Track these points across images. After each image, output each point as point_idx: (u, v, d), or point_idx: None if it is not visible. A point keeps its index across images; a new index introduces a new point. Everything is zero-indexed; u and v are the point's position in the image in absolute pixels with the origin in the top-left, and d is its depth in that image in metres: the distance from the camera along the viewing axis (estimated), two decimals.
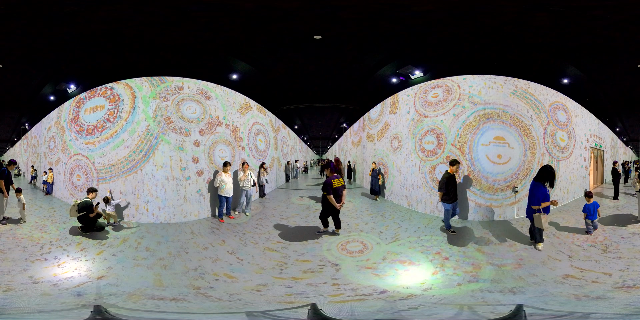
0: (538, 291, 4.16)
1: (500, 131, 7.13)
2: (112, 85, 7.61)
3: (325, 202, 6.24)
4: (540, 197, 5.50)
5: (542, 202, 5.47)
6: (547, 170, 5.64)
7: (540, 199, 5.49)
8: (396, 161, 9.04)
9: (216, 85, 8.45)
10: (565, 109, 8.13)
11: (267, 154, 11.05)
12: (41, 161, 9.93)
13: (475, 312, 3.69)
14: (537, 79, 7.55)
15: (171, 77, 7.60)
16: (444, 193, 6.41)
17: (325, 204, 6.24)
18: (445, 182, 6.38)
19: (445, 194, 6.40)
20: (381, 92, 9.68)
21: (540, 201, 5.48)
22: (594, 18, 6.45)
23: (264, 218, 7.72)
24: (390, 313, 3.72)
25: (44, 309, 3.75)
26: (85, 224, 6.37)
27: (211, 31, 7.62)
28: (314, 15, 6.67)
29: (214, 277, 4.72)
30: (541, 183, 5.58)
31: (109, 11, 6.32)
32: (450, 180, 6.43)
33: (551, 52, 8.35)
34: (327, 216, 6.40)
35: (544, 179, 5.60)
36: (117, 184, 7.36)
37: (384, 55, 9.02)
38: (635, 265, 4.79)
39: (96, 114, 7.70)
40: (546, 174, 5.62)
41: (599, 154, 11.04)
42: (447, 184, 6.37)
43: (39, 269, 4.87)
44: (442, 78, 7.88)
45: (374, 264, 5.15)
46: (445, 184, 6.37)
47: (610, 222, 6.82)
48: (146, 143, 7.19)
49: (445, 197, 6.41)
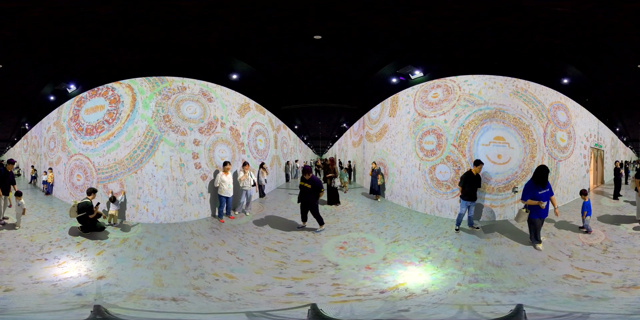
0: (538, 291, 4.15)
1: (500, 131, 7.13)
2: (113, 85, 7.61)
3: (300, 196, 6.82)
4: (527, 195, 5.56)
5: (529, 200, 5.53)
6: (539, 171, 5.63)
7: (527, 197, 5.56)
8: (396, 161, 9.05)
9: (216, 85, 8.46)
10: (565, 109, 8.13)
11: (267, 153, 11.05)
12: (41, 161, 9.93)
13: (475, 312, 3.69)
14: (537, 79, 7.55)
15: (171, 77, 7.61)
16: (462, 189, 6.56)
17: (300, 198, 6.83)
18: (463, 179, 6.53)
19: (462, 191, 6.55)
20: (381, 92, 9.69)
21: (527, 198, 5.55)
22: (594, 18, 6.45)
23: (264, 218, 7.72)
24: (390, 313, 3.72)
25: (44, 309, 3.75)
26: (85, 224, 6.36)
27: (211, 31, 7.62)
28: (314, 15, 6.68)
29: (214, 277, 4.71)
30: (534, 183, 5.59)
31: (109, 11, 6.32)
32: (469, 178, 6.51)
33: (551, 52, 8.34)
34: (304, 211, 6.86)
35: (536, 179, 5.60)
36: (117, 184, 7.36)
37: (383, 55, 9.02)
38: (635, 265, 4.79)
39: (96, 114, 7.70)
40: (538, 175, 5.61)
41: (599, 154, 11.04)
42: (465, 182, 6.50)
43: (39, 269, 4.87)
44: (442, 78, 7.89)
45: (374, 264, 5.15)
46: (464, 180, 6.51)
47: (611, 222, 6.82)
48: (146, 143, 7.19)
49: (462, 194, 6.56)
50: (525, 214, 5.62)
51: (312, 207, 6.74)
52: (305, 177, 6.72)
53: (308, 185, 6.69)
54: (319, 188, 6.68)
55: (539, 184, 5.55)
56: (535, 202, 5.50)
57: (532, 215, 5.58)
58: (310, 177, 6.69)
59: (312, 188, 6.65)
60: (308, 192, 6.67)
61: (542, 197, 5.55)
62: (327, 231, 6.69)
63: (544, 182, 5.59)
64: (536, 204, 5.51)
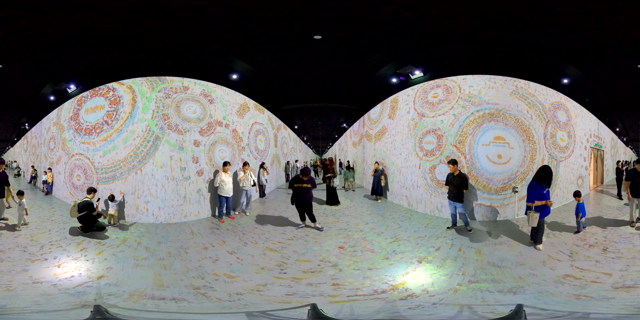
0: (538, 291, 4.15)
1: (500, 131, 7.13)
2: (113, 86, 7.61)
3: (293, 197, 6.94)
4: (534, 195, 5.53)
5: (536, 201, 5.50)
6: (545, 171, 5.64)
7: (535, 197, 5.53)
8: (396, 161, 9.04)
9: (216, 86, 8.46)
10: (565, 109, 8.13)
11: (267, 153, 11.05)
12: (41, 161, 9.93)
13: (475, 312, 3.69)
14: (537, 79, 7.54)
15: (171, 77, 7.61)
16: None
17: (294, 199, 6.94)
18: (446, 179, 6.68)
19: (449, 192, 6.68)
20: (381, 92, 9.68)
21: (534, 199, 5.52)
22: (594, 18, 6.45)
23: (264, 218, 7.72)
24: (390, 313, 3.72)
25: (44, 309, 3.75)
26: (86, 224, 6.36)
27: (211, 31, 7.62)
28: (314, 15, 6.67)
29: (214, 277, 4.71)
30: (538, 183, 5.59)
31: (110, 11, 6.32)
32: (449, 178, 6.65)
33: (551, 52, 8.34)
34: (300, 211, 6.97)
35: (540, 179, 5.61)
36: (117, 184, 7.36)
37: (383, 55, 9.02)
38: (635, 265, 4.79)
39: (96, 114, 7.70)
40: (543, 174, 5.62)
41: (599, 154, 11.04)
42: (446, 182, 6.66)
43: (39, 269, 4.87)
44: (442, 78, 7.88)
45: (374, 264, 5.15)
46: (447, 181, 6.66)
47: (611, 222, 6.82)
48: (146, 143, 7.19)
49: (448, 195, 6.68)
50: (536, 216, 5.50)
51: (311, 206, 6.94)
52: (304, 178, 6.83)
53: (307, 185, 6.82)
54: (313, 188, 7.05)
55: (544, 183, 5.56)
56: (542, 202, 5.50)
57: (541, 216, 5.55)
58: (308, 178, 6.86)
59: (312, 188, 6.93)
60: (304, 191, 6.81)
61: (547, 196, 5.57)
62: (327, 231, 6.70)
63: (549, 181, 5.61)
64: (543, 203, 5.50)
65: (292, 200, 6.96)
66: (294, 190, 6.91)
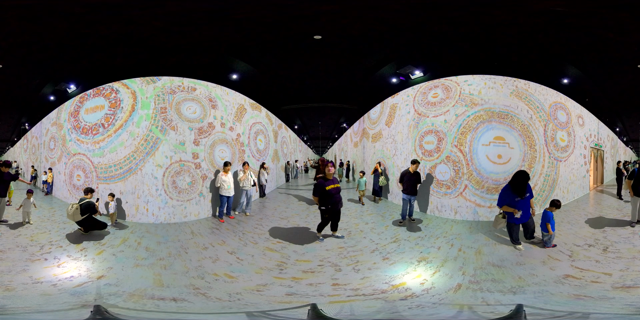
0: (538, 291, 4.15)
1: (500, 131, 7.13)
2: (114, 85, 7.61)
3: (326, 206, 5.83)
4: (503, 200, 5.50)
5: (505, 206, 5.49)
6: (518, 178, 5.39)
7: (504, 202, 5.49)
8: (396, 161, 9.04)
9: (216, 85, 8.46)
10: (565, 109, 8.13)
11: (268, 153, 11.05)
12: (41, 161, 9.93)
13: (475, 312, 3.69)
14: (537, 79, 7.55)
15: (171, 77, 7.61)
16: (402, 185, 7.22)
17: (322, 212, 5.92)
18: (401, 176, 7.25)
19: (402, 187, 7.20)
20: (381, 92, 9.69)
21: (504, 204, 5.50)
22: (594, 18, 6.45)
23: (264, 218, 7.71)
24: (390, 313, 3.72)
25: (44, 309, 3.75)
26: (88, 224, 6.33)
27: (212, 31, 7.62)
28: (314, 15, 6.68)
29: (214, 277, 4.71)
30: (511, 190, 5.47)
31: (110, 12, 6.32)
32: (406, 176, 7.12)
33: (551, 52, 8.34)
34: (332, 221, 6.13)
35: (514, 187, 5.46)
36: (117, 184, 7.36)
37: (383, 55, 9.03)
38: (635, 265, 4.78)
39: (95, 114, 7.70)
40: (516, 182, 5.43)
41: (599, 154, 11.04)
42: (402, 179, 7.19)
43: (39, 269, 4.87)
44: (442, 78, 7.88)
45: (374, 264, 5.15)
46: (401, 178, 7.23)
47: (611, 223, 6.82)
48: (146, 143, 7.19)
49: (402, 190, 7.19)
50: (502, 220, 5.53)
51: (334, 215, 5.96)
52: (329, 177, 5.64)
53: (337, 185, 5.78)
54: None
55: (516, 193, 5.43)
56: (511, 209, 5.45)
57: (513, 221, 5.53)
58: (333, 176, 5.69)
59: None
60: (336, 192, 5.70)
61: (519, 204, 5.46)
62: (326, 231, 6.69)
63: (522, 191, 5.42)
64: (512, 211, 5.46)
65: (325, 211, 5.73)
66: (324, 196, 5.64)
